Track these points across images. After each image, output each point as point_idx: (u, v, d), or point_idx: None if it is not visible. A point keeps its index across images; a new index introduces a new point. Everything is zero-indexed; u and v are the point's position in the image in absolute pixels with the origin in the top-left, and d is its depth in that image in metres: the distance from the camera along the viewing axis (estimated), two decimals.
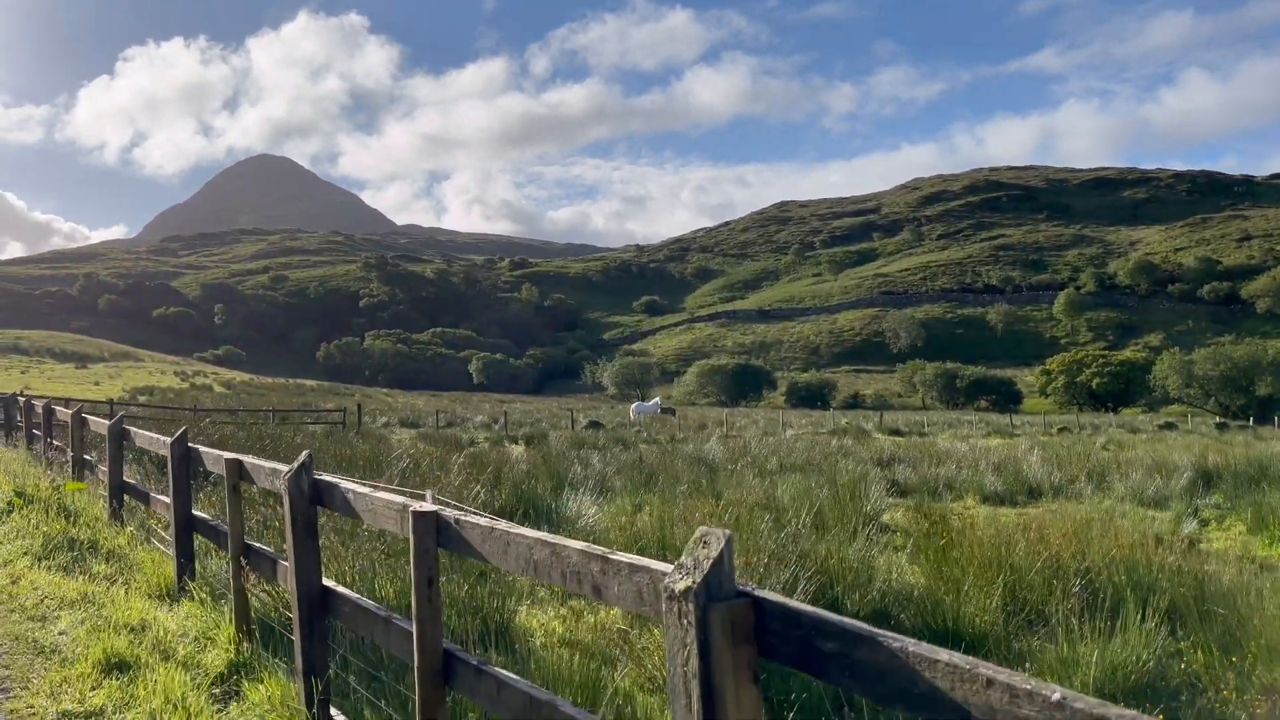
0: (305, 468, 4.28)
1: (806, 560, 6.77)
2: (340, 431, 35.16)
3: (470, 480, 11.69)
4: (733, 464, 21.07)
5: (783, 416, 54.45)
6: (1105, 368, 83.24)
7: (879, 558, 8.77)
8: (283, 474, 4.40)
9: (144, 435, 7.86)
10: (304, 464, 4.28)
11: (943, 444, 27.38)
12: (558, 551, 2.63)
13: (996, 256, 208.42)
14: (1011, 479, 17.75)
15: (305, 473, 4.27)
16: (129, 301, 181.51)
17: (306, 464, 4.29)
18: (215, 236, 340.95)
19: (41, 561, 6.74)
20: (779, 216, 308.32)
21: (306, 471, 4.28)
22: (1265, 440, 35.64)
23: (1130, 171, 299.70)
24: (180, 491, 6.53)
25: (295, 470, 4.27)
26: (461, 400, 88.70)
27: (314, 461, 4.35)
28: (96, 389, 63.39)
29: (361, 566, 5.99)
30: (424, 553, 3.24)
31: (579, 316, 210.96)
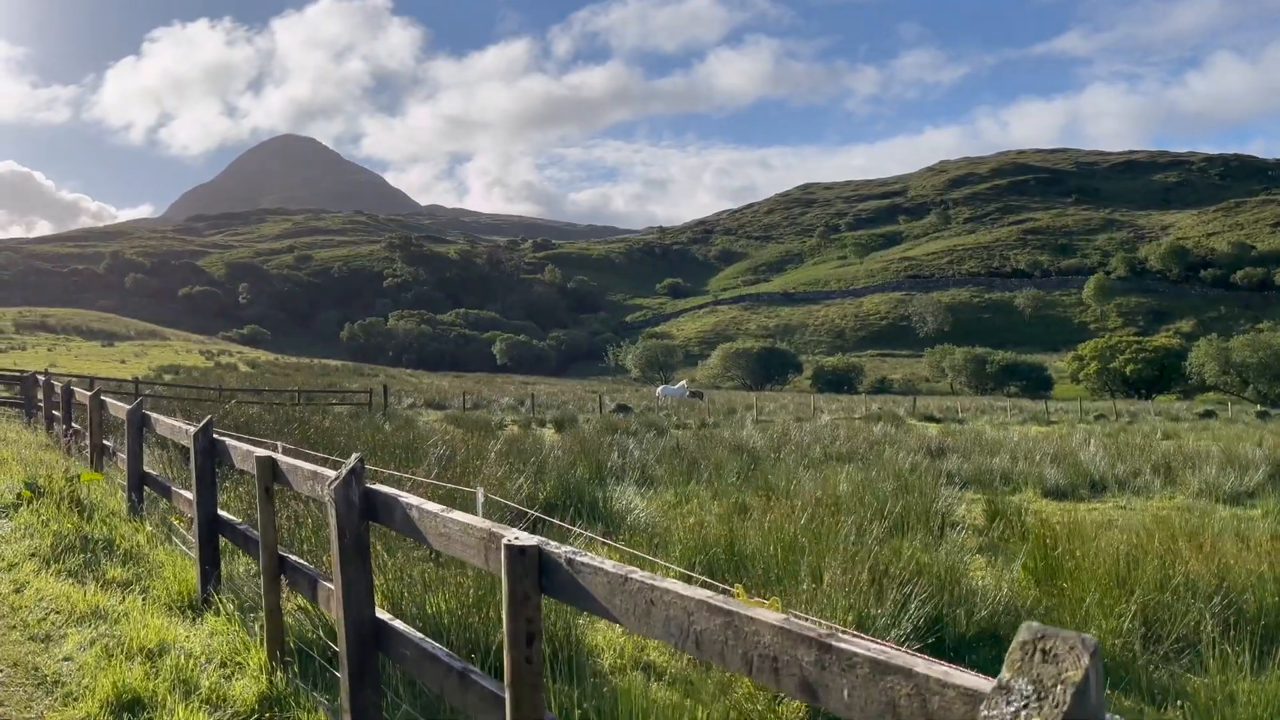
0: (355, 474, 3.51)
1: (922, 575, 5.96)
2: (367, 413, 34.59)
3: (512, 471, 10.93)
4: (775, 452, 20.25)
5: (813, 401, 53.49)
6: (1139, 354, 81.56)
7: (971, 564, 7.96)
8: (327, 481, 3.63)
9: (165, 423, 7.14)
10: (354, 470, 3.51)
11: (990, 432, 26.43)
12: (737, 624, 1.83)
13: (1024, 240, 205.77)
14: (1072, 471, 16.81)
15: (355, 480, 3.50)
16: (155, 280, 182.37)
17: (357, 470, 3.51)
18: (240, 216, 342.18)
19: (50, 565, 6.03)
20: (803, 199, 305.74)
21: (357, 479, 3.50)
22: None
23: (1161, 155, 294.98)
24: (204, 489, 5.80)
25: (344, 477, 3.50)
26: (485, 382, 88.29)
27: (365, 466, 3.57)
28: (122, 367, 63.29)
29: (407, 579, 5.24)
30: (522, 600, 2.45)
31: (601, 298, 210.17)
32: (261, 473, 4.61)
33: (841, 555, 6.53)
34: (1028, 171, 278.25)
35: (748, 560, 7.24)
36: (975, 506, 13.12)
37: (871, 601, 5.43)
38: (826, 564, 6.44)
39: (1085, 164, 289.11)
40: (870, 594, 5.42)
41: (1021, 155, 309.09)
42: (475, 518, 2.82)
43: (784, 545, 6.98)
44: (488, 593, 4.79)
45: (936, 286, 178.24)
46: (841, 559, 6.42)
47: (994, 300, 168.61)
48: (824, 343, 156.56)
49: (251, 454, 4.93)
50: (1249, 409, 60.57)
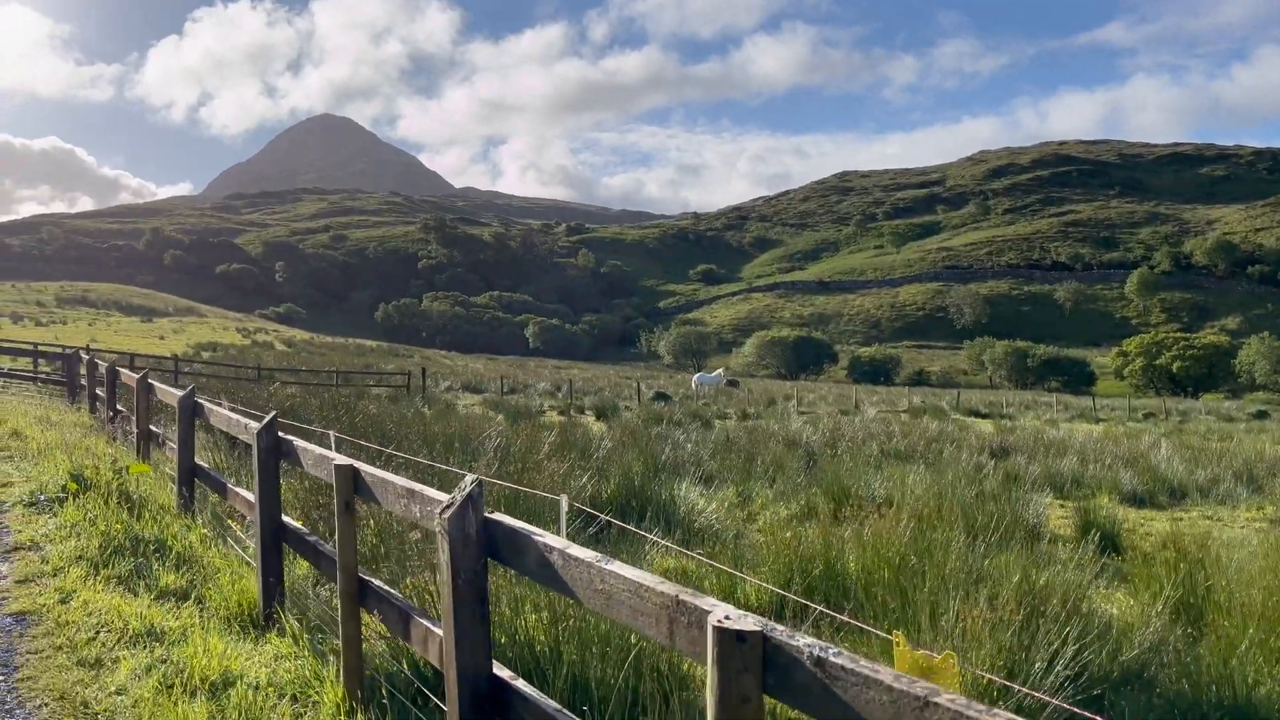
0: (473, 502, 2.90)
1: (1054, 605, 5.28)
2: (405, 396, 34.24)
3: (574, 468, 10.35)
4: (829, 448, 19.56)
5: (854, 393, 52.60)
6: (1187, 351, 79.66)
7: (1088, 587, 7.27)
8: (438, 506, 3.03)
9: (221, 414, 6.60)
10: (471, 497, 2.90)
11: (1048, 431, 25.51)
12: None
13: (1066, 233, 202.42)
14: (1148, 476, 15.98)
15: (473, 509, 2.90)
16: (193, 257, 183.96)
17: (475, 497, 2.91)
18: (277, 195, 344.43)
19: (99, 570, 5.52)
20: (840, 186, 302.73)
21: (474, 507, 2.90)
22: None
23: (1208, 148, 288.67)
24: (268, 493, 5.25)
25: (458, 505, 2.89)
26: (519, 365, 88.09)
27: (483, 490, 2.97)
28: (161, 343, 63.59)
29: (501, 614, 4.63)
30: (738, 704, 1.84)
31: (634, 284, 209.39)
32: (341, 484, 4.03)
33: (955, 579, 5.88)
34: (1070, 163, 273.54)
35: (848, 580, 6.61)
36: (1060, 514, 12.39)
37: (1017, 640, 4.77)
38: (941, 588, 5.80)
39: (1129, 156, 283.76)
40: (1018, 632, 4.75)
41: (1064, 146, 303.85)
42: (651, 576, 2.21)
43: (890, 565, 6.35)
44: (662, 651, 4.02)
45: (974, 278, 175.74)
46: (957, 584, 5.77)
47: (1033, 293, 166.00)
48: (859, 333, 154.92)
49: (328, 460, 4.36)
50: None
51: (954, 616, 5.15)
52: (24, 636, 4.56)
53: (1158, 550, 11.19)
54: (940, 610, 5.49)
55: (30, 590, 5.23)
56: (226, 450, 11.06)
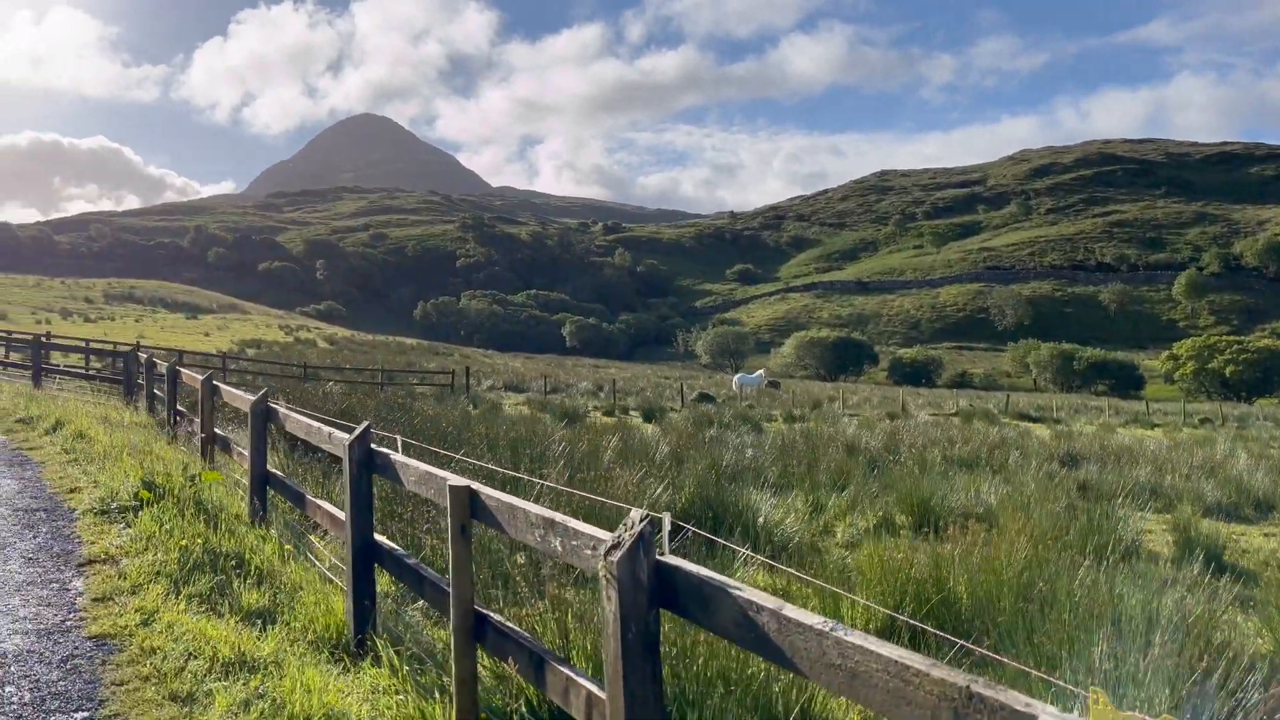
0: (644, 543, 2.51)
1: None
2: (450, 395, 34.10)
3: (647, 476, 9.95)
4: (889, 454, 19.02)
5: (900, 396, 51.81)
6: (1240, 355, 77.67)
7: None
8: (599, 545, 2.65)
9: (299, 421, 6.28)
10: (642, 537, 2.51)
11: (1117, 438, 24.73)
12: None
13: (1110, 233, 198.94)
14: (1231, 488, 15.30)
15: (644, 551, 2.51)
16: (236, 255, 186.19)
17: (646, 537, 2.52)
18: (318, 194, 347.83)
19: (180, 588, 5.21)
20: (879, 186, 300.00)
21: (646, 549, 2.51)
22: None
23: (1257, 147, 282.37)
24: (360, 510, 4.90)
25: (628, 547, 2.50)
26: (557, 364, 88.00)
27: (655, 529, 2.58)
28: (206, 340, 64.18)
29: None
30: None
31: (671, 283, 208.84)
32: (457, 507, 3.67)
33: (1089, 608, 5.40)
34: (1114, 162, 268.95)
35: (961, 605, 6.15)
36: (1150, 527, 11.79)
37: (1186, 682, 4.31)
38: (1074, 619, 5.33)
39: (1176, 155, 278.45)
40: (1191, 675, 4.29)
41: (1108, 145, 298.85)
42: (916, 655, 1.80)
43: (1011, 590, 5.88)
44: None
45: (1016, 278, 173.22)
46: (1090, 614, 5.30)
47: (1077, 294, 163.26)
48: (898, 334, 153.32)
49: (436, 479, 4.00)
50: None
51: (1103, 654, 4.70)
52: (107, 664, 4.25)
53: (1261, 569, 10.62)
54: (1077, 645, 5.04)
55: (109, 610, 4.93)
56: (286, 451, 10.82)
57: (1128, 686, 4.23)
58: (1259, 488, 15.41)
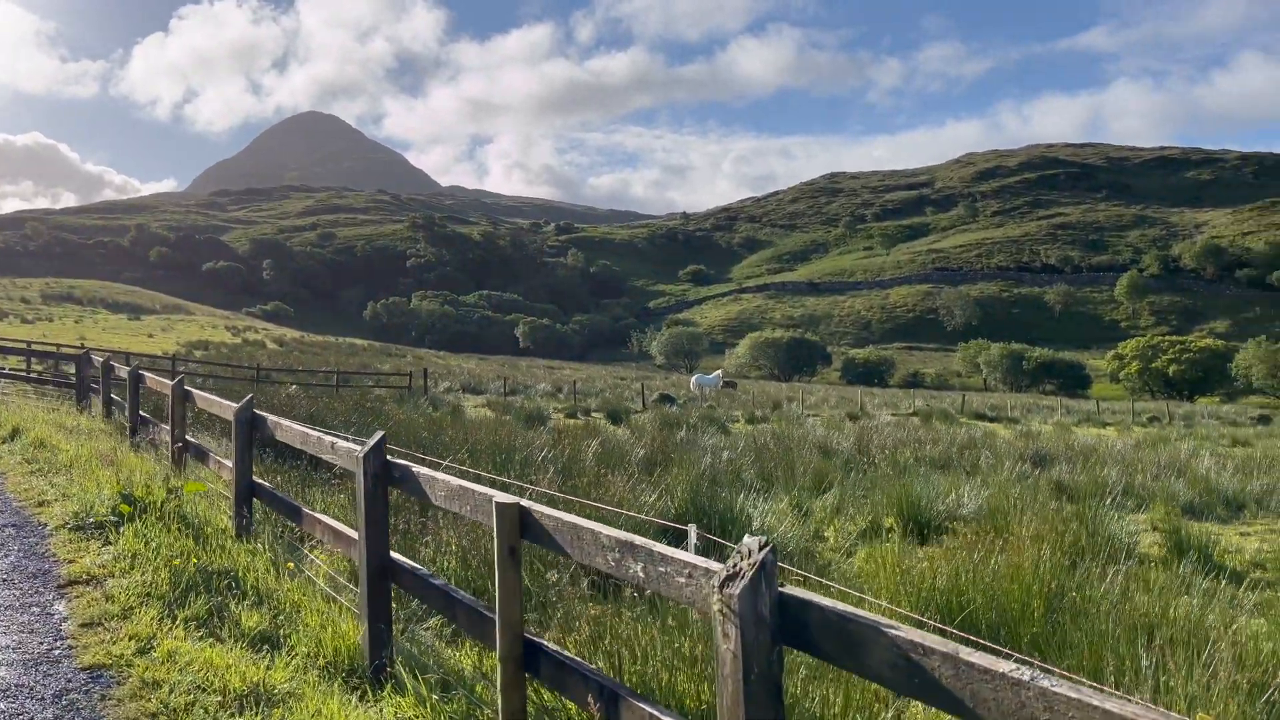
0: (765, 573, 2.26)
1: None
2: (410, 397, 33.49)
3: (638, 482, 9.68)
4: (862, 454, 18.97)
5: (858, 396, 52.15)
6: (1183, 354, 79.60)
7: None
8: (713, 576, 2.38)
9: (294, 429, 5.91)
10: (763, 566, 2.25)
11: (1078, 437, 24.99)
12: None
13: (1055, 235, 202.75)
14: (1201, 487, 15.46)
15: (766, 583, 2.25)
16: (179, 254, 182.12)
17: (768, 566, 2.26)
18: (264, 192, 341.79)
19: (175, 612, 4.83)
20: (829, 188, 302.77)
21: (768, 580, 2.25)
22: None
23: (1194, 151, 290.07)
24: (375, 528, 4.58)
25: (749, 578, 2.24)
26: (511, 365, 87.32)
27: (776, 556, 2.32)
28: (151, 341, 62.53)
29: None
30: None
31: (624, 283, 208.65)
32: (505, 526, 3.38)
33: (1125, 618, 5.26)
34: (1057, 166, 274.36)
35: (980, 616, 5.97)
36: (1135, 528, 11.79)
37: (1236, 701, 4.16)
38: (1110, 629, 5.18)
39: (1116, 159, 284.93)
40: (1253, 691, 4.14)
41: (1051, 149, 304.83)
42: (1154, 710, 1.57)
43: (1040, 599, 5.72)
44: None
45: (964, 280, 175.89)
46: (1128, 624, 5.15)
47: (1023, 295, 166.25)
48: (850, 334, 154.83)
49: (475, 494, 3.71)
50: None
51: (1155, 668, 4.54)
52: (107, 700, 3.88)
53: (1249, 569, 10.66)
54: (1120, 656, 4.88)
55: (101, 637, 4.54)
56: (256, 458, 10.37)
57: (1198, 704, 4.07)
58: (1227, 487, 15.59)
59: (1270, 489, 15.74)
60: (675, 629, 4.11)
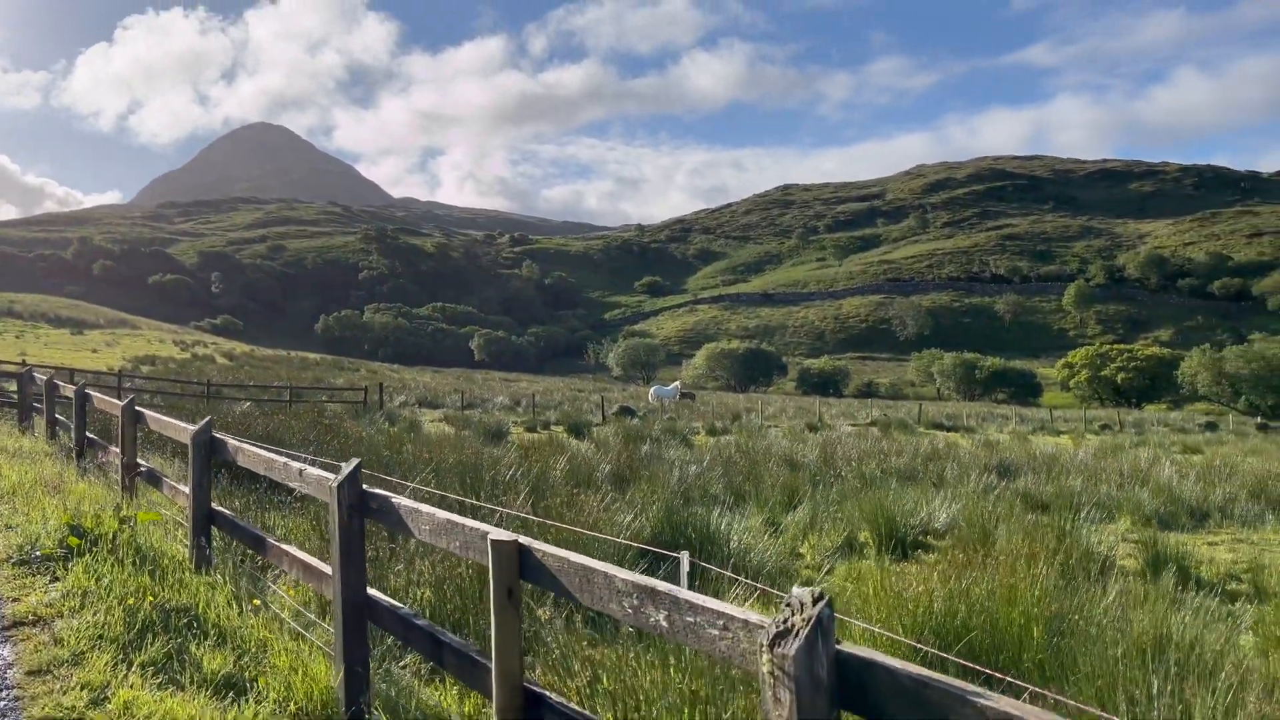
0: (822, 629, 1.99)
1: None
2: (365, 412, 32.83)
3: (612, 502, 9.40)
4: (827, 466, 18.87)
5: (816, 407, 52.33)
6: (1130, 363, 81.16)
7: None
8: (759, 632, 2.11)
9: (256, 454, 5.55)
10: (820, 622, 1.98)
11: (1040, 446, 25.15)
12: None
13: (1003, 246, 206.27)
14: (1165, 497, 15.55)
15: (822, 640, 1.99)
16: (124, 267, 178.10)
17: (825, 621, 2.00)
18: (212, 204, 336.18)
19: (130, 656, 4.46)
20: (782, 200, 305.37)
21: (824, 636, 1.99)
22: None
23: (1136, 164, 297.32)
24: (351, 563, 4.25)
25: (804, 636, 1.95)
26: (466, 378, 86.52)
27: (833, 609, 2.07)
28: (95, 357, 60.90)
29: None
30: None
31: (580, 295, 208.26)
32: (502, 566, 3.10)
33: (1137, 642, 5.10)
34: (1005, 177, 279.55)
35: (975, 638, 5.78)
36: (1107, 539, 11.74)
37: None
38: (1121, 653, 5.02)
39: (1062, 171, 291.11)
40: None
41: (998, 161, 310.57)
42: None
43: (1038, 622, 5.54)
44: None
45: (916, 290, 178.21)
46: (1139, 650, 5.00)
47: (974, 305, 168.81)
48: (804, 344, 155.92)
49: (465, 529, 3.42)
50: (1247, 421, 60.20)
51: (1172, 695, 4.37)
52: None
53: (1224, 581, 10.65)
54: (1133, 683, 4.71)
55: (50, 686, 4.16)
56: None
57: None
58: (1190, 496, 15.71)
59: (1232, 497, 15.89)
60: (681, 668, 3.84)
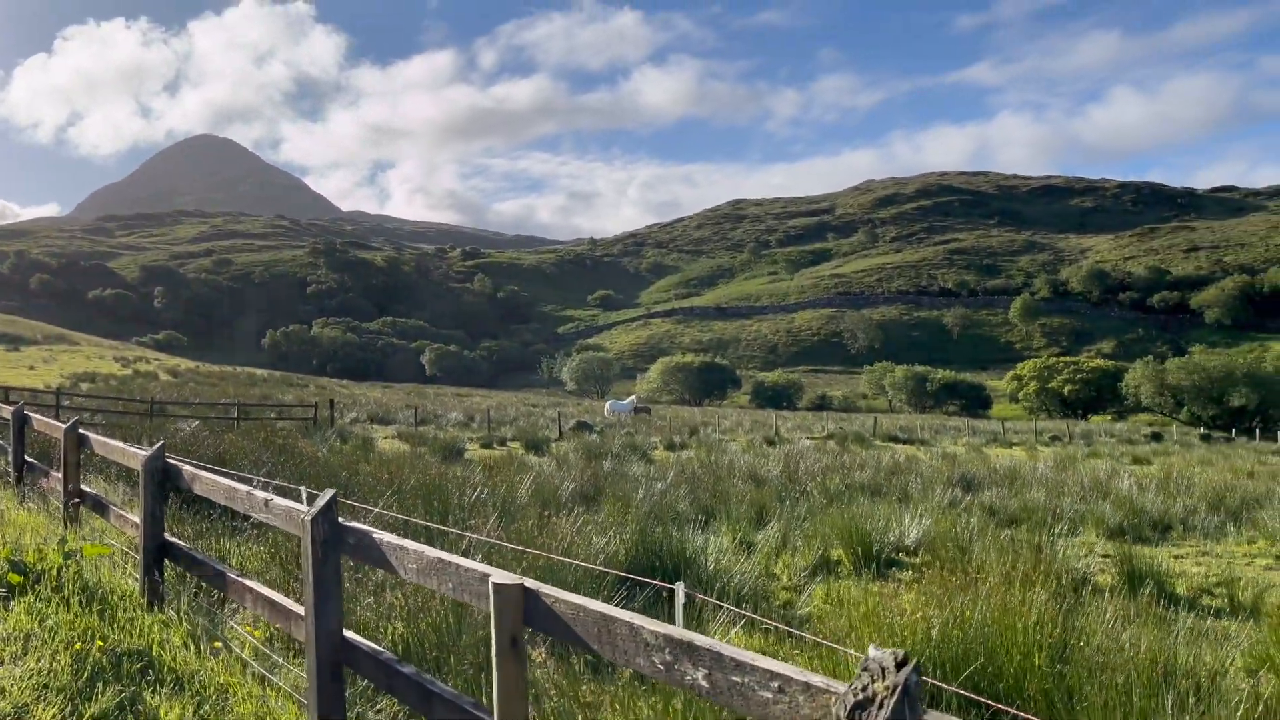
0: (909, 699, 1.74)
1: None
2: (315, 430, 32.06)
3: (587, 523, 9.08)
4: (791, 481, 18.72)
5: (773, 420, 52.39)
6: (1077, 375, 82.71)
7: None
8: (829, 700, 1.85)
9: (216, 482, 5.15)
10: (906, 691, 1.73)
11: (998, 458, 25.28)
12: None
13: (950, 260, 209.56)
14: (1127, 509, 15.60)
15: (908, 710, 1.74)
16: (62, 282, 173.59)
17: (911, 690, 1.75)
18: (155, 217, 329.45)
19: (80, 707, 4.06)
20: (733, 214, 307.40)
21: (910, 708, 1.74)
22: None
23: (1077, 181, 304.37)
24: (325, 601, 3.91)
25: (890, 705, 1.72)
26: (418, 393, 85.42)
27: (919, 680, 1.81)
28: (32, 374, 58.99)
29: None
30: None
31: (532, 309, 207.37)
32: (506, 612, 2.80)
33: (1140, 671, 4.93)
34: (951, 193, 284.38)
35: (973, 665, 5.57)
36: (1112, 564, 11.60)
37: None
38: (1134, 684, 4.84)
39: (1006, 187, 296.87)
40: None
41: (944, 177, 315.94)
42: None
43: (1040, 649, 5.35)
44: None
45: (866, 304, 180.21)
46: (1146, 679, 4.82)
47: (923, 318, 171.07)
48: (757, 358, 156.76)
49: (459, 570, 3.11)
50: (1190, 432, 61.53)
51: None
52: None
53: (1199, 595, 10.61)
54: (1147, 713, 4.52)
55: None
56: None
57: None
58: (1152, 508, 15.78)
59: (1192, 509, 16.01)
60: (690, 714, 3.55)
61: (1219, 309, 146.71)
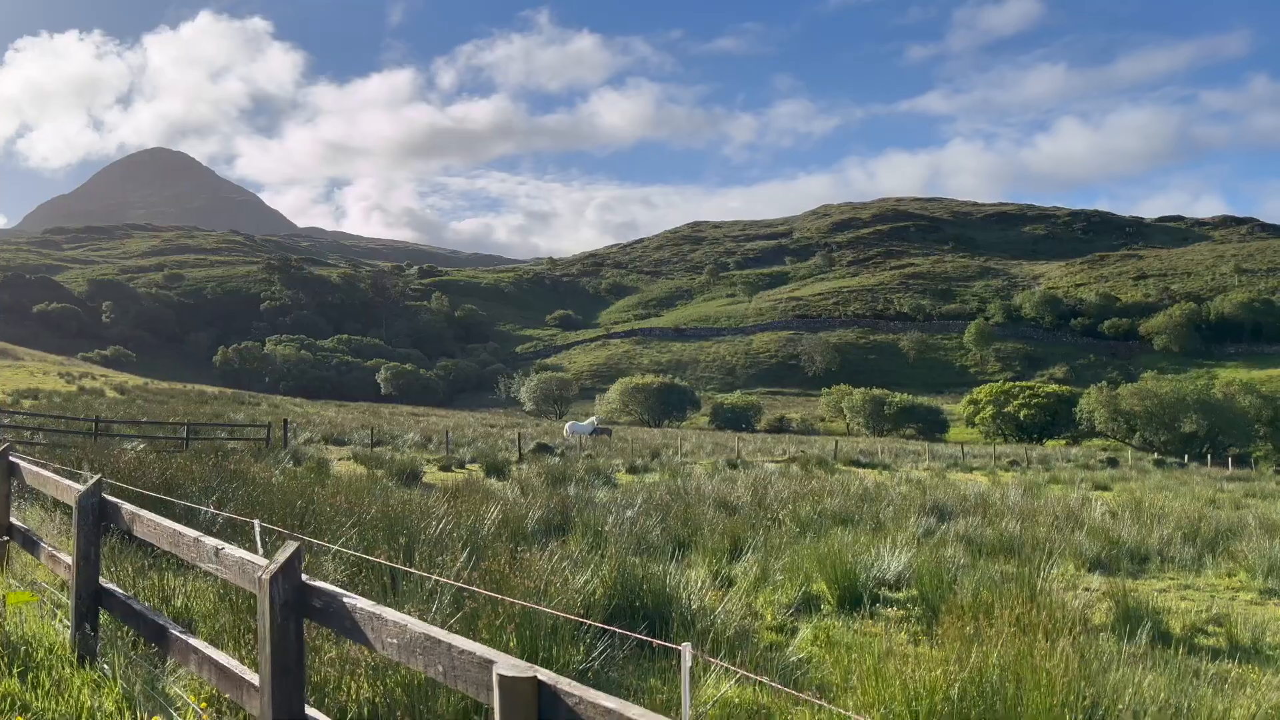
0: None
1: None
2: (268, 451, 31.04)
3: (563, 559, 8.51)
4: (760, 508, 18.26)
5: (735, 443, 52.09)
6: (1033, 399, 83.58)
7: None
8: None
9: (160, 526, 4.55)
10: None
11: (964, 485, 25.05)
12: None
13: (906, 285, 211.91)
14: (1102, 540, 15.34)
15: None
16: (6, 295, 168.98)
17: None
18: (105, 231, 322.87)
19: None
20: (692, 236, 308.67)
21: None
22: (1251, 483, 34.63)
23: (1029, 208, 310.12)
24: (286, 671, 3.34)
25: None
26: (374, 412, 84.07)
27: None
28: None
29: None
30: None
31: (490, 328, 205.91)
32: (514, 708, 2.28)
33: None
34: (906, 218, 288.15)
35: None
36: (1107, 602, 11.22)
37: None
38: None
39: (960, 213, 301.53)
40: None
41: (900, 203, 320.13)
42: None
43: (1077, 710, 4.92)
44: None
45: (823, 327, 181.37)
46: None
47: (879, 342, 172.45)
48: (715, 379, 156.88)
49: (453, 651, 2.58)
50: (1144, 457, 62.26)
51: None
52: None
53: (1192, 633, 10.29)
54: None
55: None
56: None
57: None
58: (1128, 539, 15.54)
59: (1168, 540, 15.79)
60: None
61: (1167, 336, 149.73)
